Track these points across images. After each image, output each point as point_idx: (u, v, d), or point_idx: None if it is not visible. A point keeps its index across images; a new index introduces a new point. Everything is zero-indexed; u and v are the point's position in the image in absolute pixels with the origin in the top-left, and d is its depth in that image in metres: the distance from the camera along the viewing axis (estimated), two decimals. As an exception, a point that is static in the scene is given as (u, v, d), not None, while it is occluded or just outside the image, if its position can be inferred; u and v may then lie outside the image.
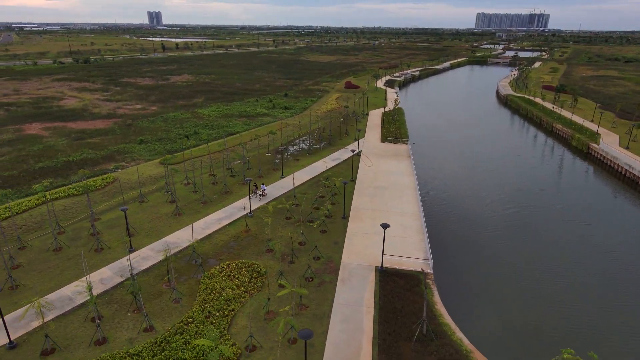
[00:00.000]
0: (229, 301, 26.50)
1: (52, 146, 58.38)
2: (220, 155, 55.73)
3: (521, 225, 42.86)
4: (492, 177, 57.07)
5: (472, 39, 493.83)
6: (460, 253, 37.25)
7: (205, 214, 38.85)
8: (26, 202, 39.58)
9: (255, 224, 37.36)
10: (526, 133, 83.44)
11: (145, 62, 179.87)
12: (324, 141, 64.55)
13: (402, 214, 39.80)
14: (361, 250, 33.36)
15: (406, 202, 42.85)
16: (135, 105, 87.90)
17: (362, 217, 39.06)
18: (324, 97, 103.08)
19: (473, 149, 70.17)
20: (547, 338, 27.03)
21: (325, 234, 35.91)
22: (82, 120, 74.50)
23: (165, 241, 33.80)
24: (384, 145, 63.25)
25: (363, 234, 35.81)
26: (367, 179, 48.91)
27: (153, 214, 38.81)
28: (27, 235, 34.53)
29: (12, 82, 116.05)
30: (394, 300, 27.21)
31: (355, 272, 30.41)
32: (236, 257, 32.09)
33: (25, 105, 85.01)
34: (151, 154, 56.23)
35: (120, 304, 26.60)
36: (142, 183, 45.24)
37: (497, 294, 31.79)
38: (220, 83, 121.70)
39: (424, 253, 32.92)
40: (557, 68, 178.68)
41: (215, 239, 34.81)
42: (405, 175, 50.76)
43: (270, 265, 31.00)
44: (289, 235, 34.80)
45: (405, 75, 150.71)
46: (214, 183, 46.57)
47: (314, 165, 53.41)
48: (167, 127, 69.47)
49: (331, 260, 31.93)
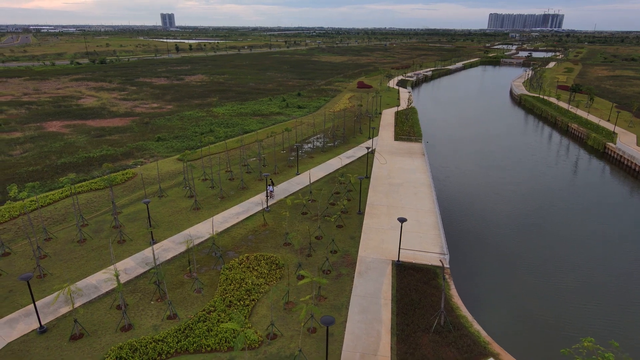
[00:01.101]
0: (249, 291, 27.10)
1: (72, 143, 59.85)
2: (235, 152, 56.56)
3: (537, 222, 42.76)
4: (507, 175, 56.90)
5: (484, 40, 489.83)
6: (476, 249, 37.37)
7: (223, 209, 39.59)
8: (50, 196, 40.79)
9: (272, 218, 37.97)
10: (541, 132, 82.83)
11: (160, 62, 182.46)
12: (338, 139, 65.01)
13: (417, 210, 40.04)
14: (377, 244, 33.72)
15: (421, 198, 43.07)
16: (151, 104, 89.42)
17: (378, 213, 39.41)
18: (336, 96, 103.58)
19: (487, 148, 69.99)
20: (564, 331, 27.10)
21: (341, 228, 36.35)
22: (101, 118, 76.11)
23: (185, 234, 34.58)
24: (397, 144, 63.48)
25: (379, 229, 36.17)
26: (382, 176, 49.23)
27: (172, 208, 39.68)
28: (52, 227, 35.63)
29: (31, 82, 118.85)
30: (411, 293, 27.53)
31: (372, 265, 30.79)
32: (255, 249, 32.72)
33: (45, 104, 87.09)
34: (168, 150, 57.31)
35: (143, 293, 27.38)
36: (161, 178, 46.20)
37: (513, 288, 31.86)
38: (233, 83, 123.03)
39: (440, 248, 33.16)
40: (571, 68, 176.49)
41: (234, 232, 35.49)
42: (420, 172, 50.95)
43: (288, 258, 31.55)
44: (306, 230, 35.33)
45: (418, 76, 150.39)
46: (230, 179, 47.34)
47: (328, 163, 53.89)
48: (183, 125, 70.63)
49: (348, 254, 32.36)
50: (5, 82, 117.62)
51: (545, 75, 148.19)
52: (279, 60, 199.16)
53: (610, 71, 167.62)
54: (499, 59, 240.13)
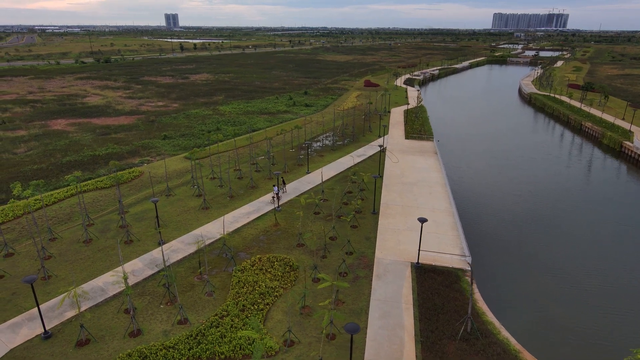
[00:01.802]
0: (263, 295, 25.80)
1: (77, 141, 58.81)
2: (244, 150, 55.32)
3: (556, 223, 41.24)
4: (522, 174, 55.33)
5: (489, 39, 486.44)
6: (496, 250, 35.91)
7: (233, 208, 38.33)
8: (55, 194, 39.68)
9: (284, 218, 36.67)
10: (553, 131, 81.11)
11: (165, 61, 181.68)
12: (348, 138, 63.65)
13: (434, 210, 38.63)
14: (394, 246, 32.35)
15: (436, 198, 41.67)
16: (157, 103, 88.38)
17: (393, 213, 38.03)
18: (343, 95, 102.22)
19: (499, 147, 68.42)
20: (598, 339, 25.62)
21: (356, 229, 35.00)
22: (106, 116, 75.10)
23: (195, 234, 33.34)
24: (408, 142, 62.07)
25: (395, 230, 34.79)
26: (395, 175, 47.84)
27: (181, 208, 38.46)
28: (57, 227, 34.48)
29: (36, 80, 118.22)
30: (433, 297, 26.14)
31: (390, 267, 29.42)
32: (267, 251, 31.42)
33: (50, 102, 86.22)
34: (175, 149, 56.14)
35: (152, 296, 26.14)
36: (168, 177, 45.01)
37: (538, 291, 30.38)
38: (239, 81, 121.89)
39: (460, 249, 31.75)
40: (580, 67, 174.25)
41: (245, 232, 34.21)
42: (433, 171, 49.53)
43: (302, 260, 30.23)
44: (320, 230, 34.01)
45: (425, 74, 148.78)
46: (239, 178, 46.09)
47: (339, 161, 52.55)
48: (189, 124, 69.47)
49: (364, 256, 31.01)
50: (10, 80, 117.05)
51: (554, 73, 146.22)
52: (284, 60, 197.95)
53: (620, 70, 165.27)
54: (505, 58, 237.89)
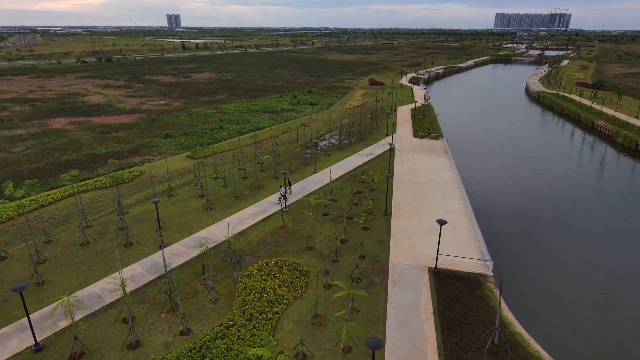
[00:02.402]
0: (271, 303, 23.97)
1: (77, 140, 57.14)
2: (248, 149, 53.55)
3: (579, 225, 39.30)
4: (536, 174, 53.37)
5: (492, 39, 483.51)
6: (516, 254, 34.01)
7: (238, 209, 36.52)
8: (52, 195, 37.96)
9: (292, 219, 34.85)
10: (563, 130, 79.08)
11: (167, 61, 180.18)
12: (354, 136, 61.81)
13: (448, 211, 36.75)
14: (409, 249, 30.49)
15: (450, 198, 39.79)
16: (158, 101, 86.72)
17: (405, 214, 36.17)
18: (348, 93, 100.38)
19: (510, 147, 66.45)
20: (634, 350, 23.68)
21: (367, 231, 33.14)
22: (107, 115, 73.44)
23: (198, 236, 31.55)
24: (417, 141, 60.19)
25: (409, 232, 32.92)
26: (405, 174, 45.98)
27: (183, 208, 36.68)
28: (53, 229, 32.75)
29: (37, 79, 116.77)
30: (455, 306, 24.26)
31: (407, 273, 27.56)
32: (274, 254, 29.60)
33: (50, 100, 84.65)
34: (177, 147, 54.41)
35: (153, 304, 24.34)
36: (170, 177, 43.28)
37: (566, 298, 28.47)
38: (242, 80, 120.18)
39: (479, 253, 29.87)
40: (587, 66, 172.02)
41: (250, 235, 32.40)
42: (445, 170, 47.66)
43: (312, 264, 28.40)
44: (329, 232, 32.18)
45: (430, 73, 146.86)
46: (244, 177, 44.31)
47: (347, 160, 50.72)
48: (192, 122, 67.74)
49: (378, 260, 29.15)
50: (10, 79, 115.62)
51: (561, 72, 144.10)
52: (287, 59, 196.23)
53: (627, 68, 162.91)
54: (510, 57, 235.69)
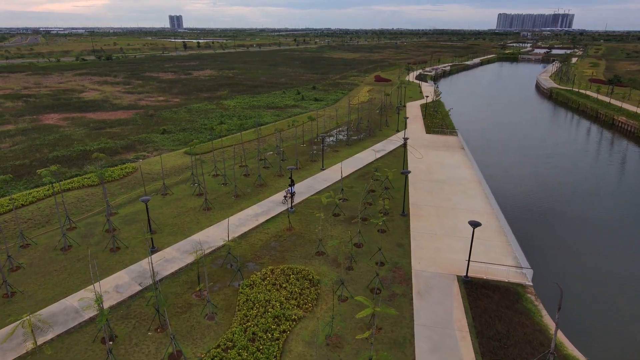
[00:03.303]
0: (277, 319, 20.39)
1: (68, 135, 53.74)
2: (250, 145, 50.04)
3: (620, 230, 35.53)
4: (562, 173, 49.63)
5: (496, 38, 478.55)
6: (553, 260, 30.29)
7: (239, 209, 32.96)
8: (34, 193, 34.49)
9: (299, 220, 31.26)
10: (582, 127, 75.26)
11: (168, 59, 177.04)
12: (363, 132, 58.23)
13: (472, 212, 33.09)
14: (433, 254, 26.87)
15: (472, 197, 36.14)
16: (157, 98, 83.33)
17: (425, 215, 32.54)
18: (354, 90, 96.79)
19: (528, 144, 62.69)
20: None
21: (384, 234, 29.52)
22: (102, 111, 70.06)
23: (194, 240, 28.00)
24: (430, 137, 56.56)
25: (430, 235, 29.31)
26: (420, 172, 42.34)
27: (178, 208, 33.15)
28: (32, 231, 29.27)
29: (34, 76, 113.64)
30: (494, 322, 20.63)
31: (433, 282, 23.94)
32: (280, 260, 26.02)
33: (44, 97, 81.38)
34: (174, 144, 50.95)
35: (139, 319, 20.79)
36: (165, 174, 39.79)
37: (618, 314, 24.74)
38: (243, 77, 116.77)
39: (514, 259, 26.21)
40: (597, 63, 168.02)
41: (253, 238, 28.83)
42: (464, 167, 44.02)
43: (323, 272, 24.80)
44: (342, 235, 28.60)
45: (436, 70, 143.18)
46: (245, 175, 40.77)
47: (356, 157, 47.13)
48: (191, 118, 64.29)
49: (398, 267, 25.53)
50: (6, 77, 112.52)
51: (572, 69, 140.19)
52: (290, 57, 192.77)
53: (638, 66, 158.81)
54: (516, 56, 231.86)
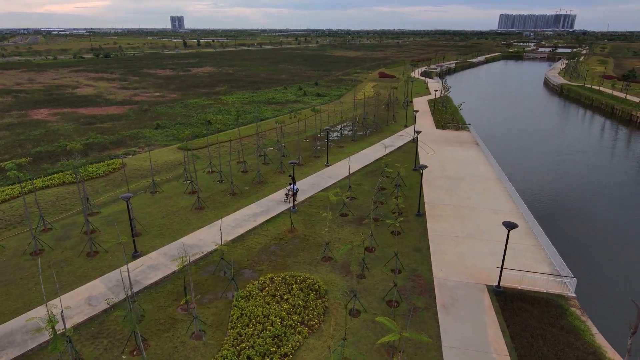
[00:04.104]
0: (278, 339, 17.00)
1: (55, 130, 50.45)
2: (249, 140, 46.70)
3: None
4: (588, 170, 46.17)
5: (499, 38, 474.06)
6: (594, 268, 26.82)
7: (236, 208, 29.59)
8: (7, 191, 31.16)
9: (302, 221, 27.87)
10: (598, 123, 71.73)
11: (167, 57, 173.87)
12: (369, 127, 54.81)
13: (496, 212, 29.69)
14: (456, 260, 23.46)
15: (494, 196, 32.71)
16: (153, 93, 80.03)
17: (443, 215, 29.13)
18: (358, 85, 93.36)
19: (545, 141, 59.22)
20: None
21: (398, 236, 26.11)
22: (95, 106, 66.76)
23: (183, 243, 24.63)
24: (441, 132, 53.16)
25: (452, 238, 25.89)
26: (434, 168, 38.91)
27: (168, 208, 29.80)
28: (1, 233, 25.92)
29: (28, 73, 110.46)
30: (538, 343, 17.20)
31: (459, 293, 20.52)
32: (281, 267, 22.63)
33: (36, 92, 78.09)
34: (168, 139, 47.64)
35: (112, 339, 17.41)
36: (156, 170, 36.47)
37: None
38: (243, 74, 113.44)
39: (550, 266, 22.77)
40: (605, 60, 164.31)
41: (250, 241, 25.45)
42: (481, 164, 40.63)
43: (331, 281, 21.40)
44: (351, 238, 25.21)
45: (441, 67, 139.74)
46: (243, 171, 37.40)
47: (363, 153, 43.75)
48: (187, 113, 60.98)
49: (418, 275, 22.11)
50: (1, 73, 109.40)
51: (580, 66, 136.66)
52: (291, 55, 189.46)
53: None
54: (521, 54, 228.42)
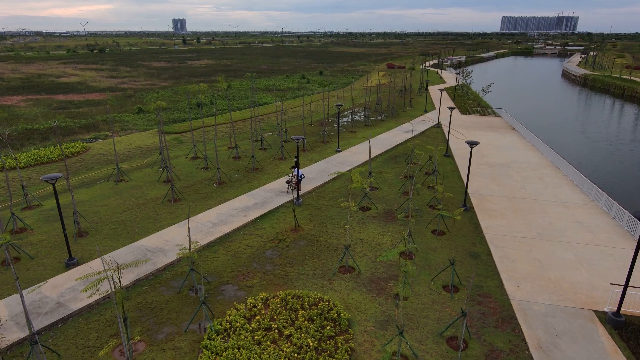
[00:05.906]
0: (273, 413, 9.78)
1: (20, 115, 43.47)
2: (243, 124, 39.70)
3: None
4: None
5: (503, 39, 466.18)
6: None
7: (221, 200, 22.44)
8: None
9: (309, 217, 20.68)
10: (634, 111, 64.40)
11: (164, 52, 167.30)
12: (383, 113, 47.70)
13: (565, 204, 22.48)
14: (535, 271, 16.23)
15: (555, 185, 25.54)
16: (143, 82, 73.10)
17: (498, 209, 21.92)
18: (365, 75, 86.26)
19: (589, 131, 51.90)
20: None
21: (443, 237, 18.91)
22: (75, 93, 59.84)
23: (141, 246, 17.48)
24: (467, 117, 46.11)
25: (518, 240, 18.68)
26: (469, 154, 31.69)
27: (132, 199, 22.66)
28: None
29: (15, 65, 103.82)
30: None
31: (557, 324, 13.26)
32: (280, 282, 15.42)
33: (14, 80, 71.37)
34: (150, 124, 40.67)
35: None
36: (126, 156, 29.44)
37: None
38: (243, 66, 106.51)
39: (674, 280, 15.51)
40: (622, 54, 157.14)
41: (238, 243, 18.26)
42: (525, 150, 33.45)
43: (356, 304, 14.17)
44: (377, 238, 18.03)
45: (452, 60, 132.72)
46: (235, 157, 30.30)
47: (380, 137, 36.63)
48: (176, 98, 53.99)
49: (485, 294, 14.86)
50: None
51: (599, 59, 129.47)
52: (293, 51, 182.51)
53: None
54: (531, 50, 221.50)
